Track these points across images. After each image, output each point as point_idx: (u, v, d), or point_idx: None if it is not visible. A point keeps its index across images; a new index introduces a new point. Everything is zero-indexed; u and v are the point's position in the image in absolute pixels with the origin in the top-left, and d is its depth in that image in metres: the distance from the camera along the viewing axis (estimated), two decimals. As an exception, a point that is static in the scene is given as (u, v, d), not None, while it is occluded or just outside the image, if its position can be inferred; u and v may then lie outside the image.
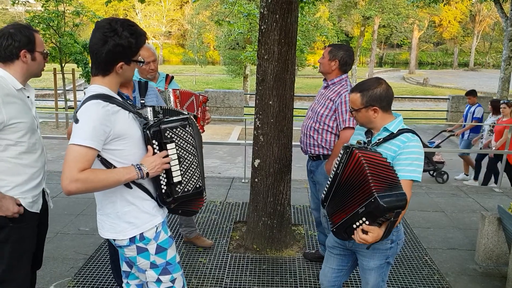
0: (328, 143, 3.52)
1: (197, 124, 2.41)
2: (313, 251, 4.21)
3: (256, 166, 4.14)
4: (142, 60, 2.15)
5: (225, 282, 3.73)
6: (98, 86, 2.01)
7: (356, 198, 2.19)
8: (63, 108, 11.14)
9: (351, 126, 3.31)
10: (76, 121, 1.91)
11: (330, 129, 3.48)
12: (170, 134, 2.10)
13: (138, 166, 2.01)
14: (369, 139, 2.44)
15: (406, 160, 2.27)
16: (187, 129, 2.15)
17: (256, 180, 4.18)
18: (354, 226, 2.21)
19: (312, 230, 4.76)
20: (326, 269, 2.75)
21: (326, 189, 2.39)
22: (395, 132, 2.36)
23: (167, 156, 2.10)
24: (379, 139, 2.38)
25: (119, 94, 2.14)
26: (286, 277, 3.82)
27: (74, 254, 4.17)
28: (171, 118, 2.14)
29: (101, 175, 1.90)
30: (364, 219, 2.16)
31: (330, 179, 2.36)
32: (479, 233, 4.20)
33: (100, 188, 1.95)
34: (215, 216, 5.11)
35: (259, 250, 4.23)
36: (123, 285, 2.50)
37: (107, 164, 2.02)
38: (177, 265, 2.31)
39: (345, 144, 2.33)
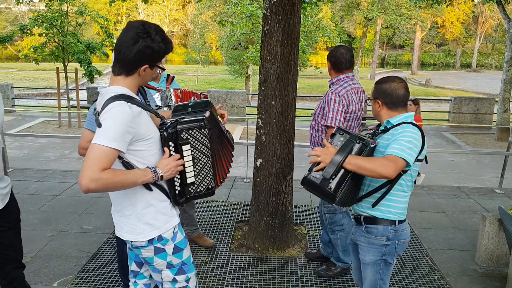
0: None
1: (216, 117, 2.41)
2: (315, 250, 4.24)
3: (258, 165, 4.16)
4: (163, 67, 2.18)
5: (227, 281, 3.76)
6: (119, 86, 2.02)
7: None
8: (66, 107, 11.18)
9: (329, 124, 3.37)
10: (99, 125, 1.90)
11: (322, 128, 3.56)
12: (186, 135, 2.12)
13: (153, 169, 2.04)
14: (373, 131, 2.60)
15: (395, 142, 2.32)
16: (202, 130, 2.16)
17: (258, 179, 4.20)
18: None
19: (314, 230, 4.79)
20: (354, 266, 2.89)
21: None
22: (394, 124, 2.45)
23: (181, 158, 2.12)
24: (377, 131, 2.55)
25: None
26: (288, 277, 3.85)
27: (77, 252, 4.20)
28: (188, 119, 2.14)
29: (120, 176, 1.91)
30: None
31: None
32: (480, 234, 4.22)
33: (117, 189, 1.97)
34: (217, 216, 5.13)
35: (261, 250, 4.25)
36: (130, 283, 2.51)
37: (128, 166, 2.03)
38: (191, 265, 2.34)
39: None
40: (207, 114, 2.23)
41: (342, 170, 2.28)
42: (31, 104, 16.87)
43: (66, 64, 10.37)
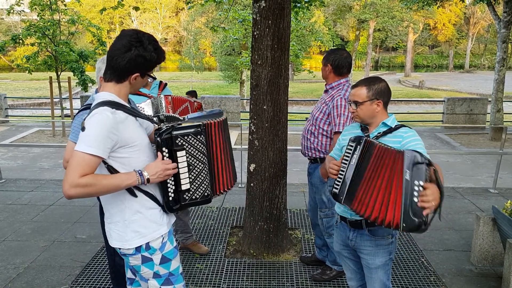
0: (324, 147, 3.55)
1: (225, 123, 2.38)
2: (310, 254, 4.22)
3: (252, 170, 4.15)
4: (154, 76, 2.19)
5: (222, 287, 3.74)
6: (108, 93, 2.03)
7: (393, 176, 2.14)
8: (60, 116, 11.13)
9: (341, 131, 3.33)
10: (83, 129, 1.91)
11: (325, 133, 3.52)
12: (181, 141, 2.11)
13: (139, 171, 2.02)
14: (367, 134, 2.51)
15: (415, 146, 2.31)
16: (198, 137, 2.16)
17: (251, 184, 4.19)
18: (415, 199, 2.05)
19: (309, 233, 4.77)
20: (348, 273, 2.82)
21: (338, 184, 2.39)
22: (393, 127, 2.46)
23: (173, 163, 2.11)
24: (379, 133, 2.46)
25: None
26: (283, 281, 3.83)
27: (71, 262, 4.17)
28: (184, 125, 2.15)
29: (102, 181, 1.90)
30: (416, 182, 2.05)
31: (341, 172, 2.38)
32: (475, 234, 4.21)
33: (100, 193, 1.95)
34: (211, 222, 5.11)
35: (256, 255, 4.23)
36: None
37: (113, 172, 2.02)
38: (179, 276, 2.32)
39: (353, 136, 2.40)
40: (224, 116, 2.27)
41: None
42: (24, 114, 16.80)
43: (59, 73, 10.33)
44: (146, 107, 3.52)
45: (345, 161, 2.38)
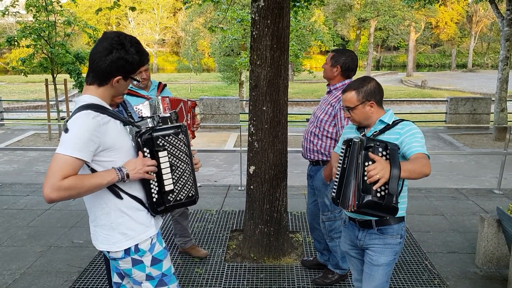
0: (328, 149, 3.47)
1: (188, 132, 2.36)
2: (311, 258, 4.15)
3: (252, 172, 4.07)
4: (138, 79, 2.16)
5: (222, 292, 3.67)
6: (90, 96, 2.01)
7: (355, 165, 2.22)
8: (56, 119, 11.04)
9: None
10: (66, 130, 1.89)
11: (329, 135, 3.44)
12: (162, 141, 2.09)
13: (118, 168, 2.01)
14: (364, 133, 2.51)
15: (412, 141, 2.32)
16: (180, 136, 2.14)
17: (251, 187, 4.11)
18: (365, 178, 2.10)
19: (310, 237, 4.69)
20: (355, 274, 2.80)
21: (335, 187, 2.38)
22: (390, 123, 2.45)
23: (158, 165, 2.08)
24: (375, 131, 2.45)
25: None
26: (284, 286, 3.76)
27: (68, 267, 4.10)
28: (164, 126, 2.13)
29: (84, 181, 1.88)
30: (366, 163, 2.12)
31: (337, 176, 2.37)
32: (479, 236, 4.13)
33: (83, 194, 1.93)
34: (211, 225, 5.03)
35: (256, 259, 4.16)
36: None
37: None
38: (172, 276, 2.31)
39: (345, 139, 2.37)
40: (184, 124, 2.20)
41: None
42: (20, 117, 16.73)
43: (55, 75, 10.24)
44: (143, 108, 3.49)
45: (339, 165, 2.39)
